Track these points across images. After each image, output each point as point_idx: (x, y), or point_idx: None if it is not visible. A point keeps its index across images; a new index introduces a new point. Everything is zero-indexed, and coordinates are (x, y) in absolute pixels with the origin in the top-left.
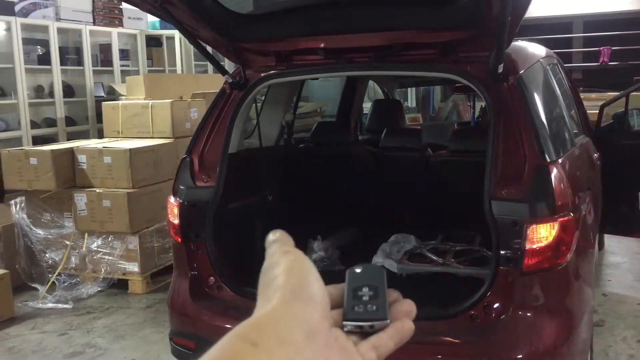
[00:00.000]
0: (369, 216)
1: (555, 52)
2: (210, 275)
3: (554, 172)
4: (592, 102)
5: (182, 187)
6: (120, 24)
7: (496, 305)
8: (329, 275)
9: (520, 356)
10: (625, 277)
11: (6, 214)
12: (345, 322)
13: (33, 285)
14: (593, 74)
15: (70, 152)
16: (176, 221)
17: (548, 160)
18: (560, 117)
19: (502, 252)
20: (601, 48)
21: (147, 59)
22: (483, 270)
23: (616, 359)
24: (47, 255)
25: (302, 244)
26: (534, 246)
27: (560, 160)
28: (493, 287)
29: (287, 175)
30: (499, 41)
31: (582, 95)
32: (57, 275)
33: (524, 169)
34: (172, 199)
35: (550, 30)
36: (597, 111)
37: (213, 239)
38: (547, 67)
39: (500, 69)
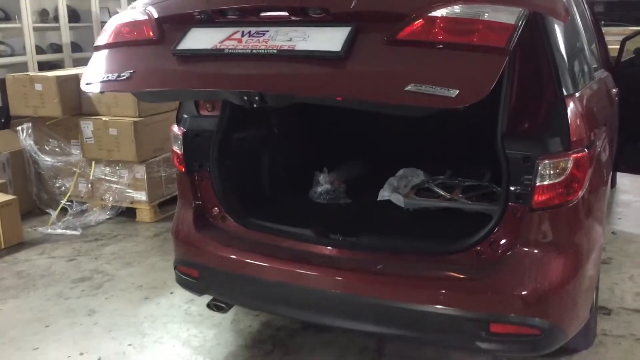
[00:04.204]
0: (376, 149)
1: None
2: (214, 205)
3: (571, 106)
4: (613, 36)
5: (185, 116)
6: None
7: (503, 241)
8: (334, 209)
9: (525, 293)
10: (635, 216)
11: (13, 140)
12: None
13: (46, 211)
14: (615, 7)
15: (76, 78)
16: (180, 151)
17: (565, 93)
18: (580, 50)
19: (512, 188)
20: None
21: None
22: (491, 206)
23: (622, 296)
24: (57, 182)
25: (308, 177)
26: (545, 182)
27: (577, 94)
28: (501, 223)
29: (294, 106)
30: None
31: (603, 30)
32: (67, 202)
33: (539, 103)
34: (175, 128)
35: None
36: (618, 46)
37: (217, 169)
38: None
39: None
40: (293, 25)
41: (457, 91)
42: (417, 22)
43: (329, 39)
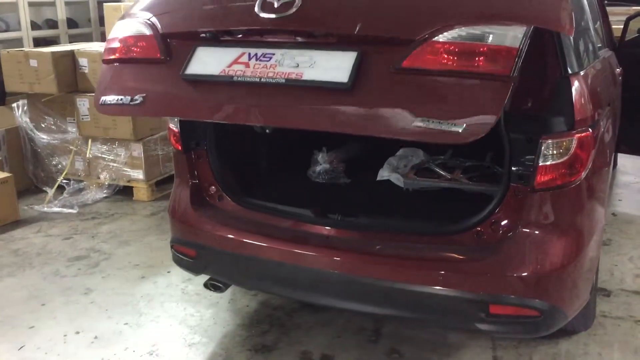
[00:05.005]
0: None
1: None
2: (211, 184)
3: (575, 85)
4: (617, 16)
5: None
6: None
7: (504, 222)
8: (333, 188)
9: (526, 274)
10: (636, 197)
11: (9, 117)
12: None
13: (43, 189)
14: None
15: (72, 54)
16: (176, 129)
17: (570, 72)
18: (585, 28)
19: (513, 168)
20: None
21: None
22: (493, 186)
23: (621, 277)
24: (54, 160)
25: (307, 156)
26: (548, 163)
27: (582, 73)
28: (502, 204)
29: None
30: None
31: (607, 9)
32: (65, 181)
33: (543, 81)
34: None
35: None
36: (622, 26)
37: (214, 147)
38: None
39: None
40: (299, 48)
41: (464, 126)
42: (421, 48)
43: (336, 67)
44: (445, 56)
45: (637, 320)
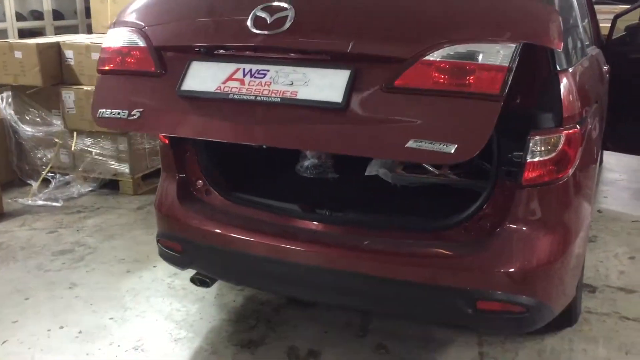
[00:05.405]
0: None
1: None
2: (198, 178)
3: (564, 81)
4: (604, 14)
5: None
6: None
7: (491, 218)
8: (321, 183)
9: (513, 270)
10: (621, 194)
11: None
12: None
13: (28, 182)
14: None
15: (57, 46)
16: None
17: (558, 69)
18: (574, 25)
19: (501, 164)
20: None
21: None
22: (480, 182)
23: (606, 274)
24: (39, 153)
25: (295, 151)
26: (536, 159)
27: (570, 70)
28: (489, 200)
29: None
30: None
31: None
32: (50, 174)
33: (531, 78)
34: None
35: None
36: (609, 24)
37: (202, 141)
38: None
39: None
40: (293, 65)
41: (455, 146)
42: (413, 67)
43: (329, 86)
44: (436, 75)
45: (621, 317)
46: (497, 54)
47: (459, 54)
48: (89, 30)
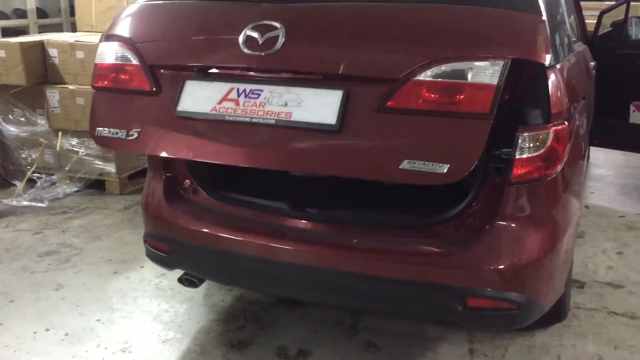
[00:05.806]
0: None
1: None
2: (185, 177)
3: (552, 77)
4: (590, 11)
5: None
6: None
7: (480, 215)
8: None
9: (502, 267)
10: (608, 190)
11: None
12: None
13: (12, 182)
14: None
15: (41, 45)
16: None
17: (546, 65)
18: (561, 21)
19: (490, 161)
20: None
21: None
22: (469, 179)
23: (594, 270)
24: (23, 153)
25: None
26: (524, 156)
27: (558, 66)
28: (478, 197)
29: None
30: None
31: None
32: (35, 174)
33: (518, 74)
34: None
35: None
36: (595, 21)
37: None
38: None
39: None
40: (286, 85)
41: (447, 166)
42: (404, 87)
43: (323, 107)
44: (427, 95)
45: (610, 312)
46: (485, 72)
47: (448, 72)
48: (74, 28)
